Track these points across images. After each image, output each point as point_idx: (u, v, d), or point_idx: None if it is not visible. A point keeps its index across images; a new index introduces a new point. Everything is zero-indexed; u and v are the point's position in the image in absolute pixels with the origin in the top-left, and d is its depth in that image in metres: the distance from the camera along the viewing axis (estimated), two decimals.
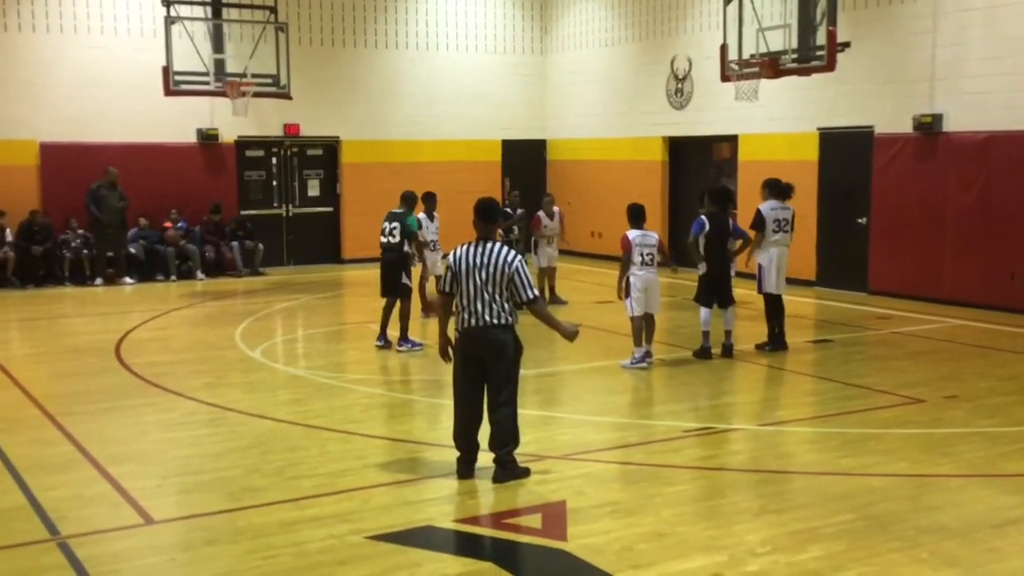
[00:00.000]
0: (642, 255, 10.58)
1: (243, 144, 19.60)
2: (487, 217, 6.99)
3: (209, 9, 17.87)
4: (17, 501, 6.66)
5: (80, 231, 17.72)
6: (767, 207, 11.46)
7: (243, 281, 18.22)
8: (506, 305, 6.83)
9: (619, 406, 9.54)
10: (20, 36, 17.75)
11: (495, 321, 6.79)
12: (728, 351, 11.24)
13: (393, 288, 11.57)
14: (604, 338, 12.57)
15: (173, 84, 16.28)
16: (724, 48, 14.09)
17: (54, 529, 6.13)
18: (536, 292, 6.92)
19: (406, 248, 11.58)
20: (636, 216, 10.71)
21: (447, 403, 9.59)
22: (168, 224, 18.36)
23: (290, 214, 20.38)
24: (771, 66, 13.48)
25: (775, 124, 16.88)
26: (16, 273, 17.22)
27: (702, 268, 11.31)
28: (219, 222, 18.81)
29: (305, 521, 6.22)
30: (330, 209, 20.63)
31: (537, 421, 8.68)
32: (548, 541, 5.90)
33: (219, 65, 17.10)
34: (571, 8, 21.59)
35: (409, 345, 11.53)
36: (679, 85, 18.98)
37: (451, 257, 6.95)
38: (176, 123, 18.54)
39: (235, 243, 18.77)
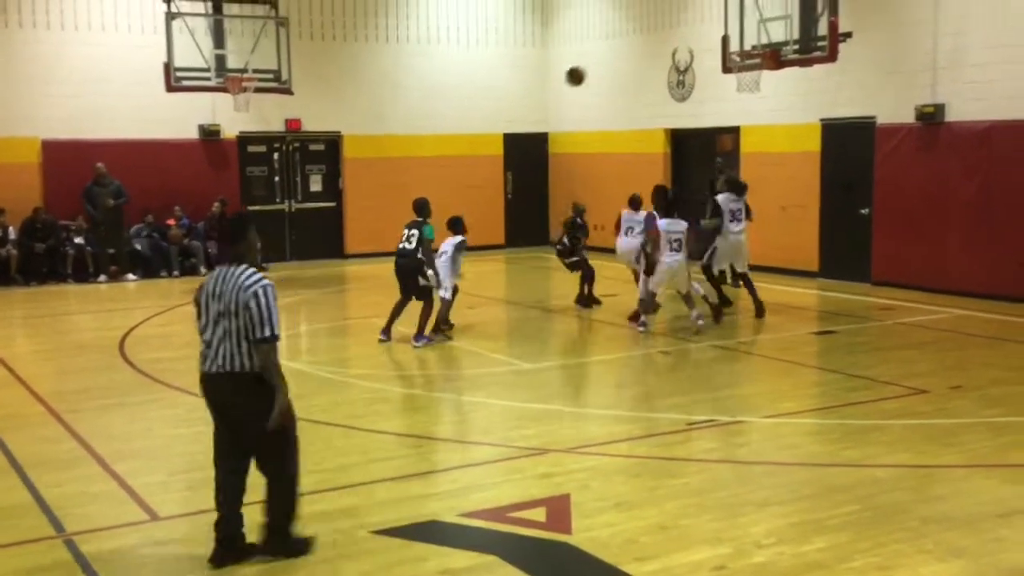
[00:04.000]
0: (669, 241, 11.42)
1: (245, 140, 19.60)
2: (231, 237, 5.66)
3: (210, 5, 17.85)
4: (23, 498, 6.67)
5: (85, 227, 17.74)
6: (723, 198, 12.95)
7: None
8: (249, 346, 5.35)
9: (623, 399, 9.54)
10: (21, 32, 17.75)
11: (227, 367, 5.35)
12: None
13: (411, 292, 11.60)
14: (606, 330, 12.57)
15: (174, 80, 16.27)
16: (725, 39, 14.07)
17: (59, 526, 6.14)
18: (274, 332, 5.35)
19: (419, 255, 11.52)
20: (667, 204, 11.72)
21: (450, 397, 9.63)
22: (172, 221, 18.35)
23: (292, 209, 20.38)
24: (773, 57, 13.46)
25: (777, 115, 16.84)
26: (19, 271, 17.24)
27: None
28: (222, 217, 18.79)
29: (310, 516, 6.21)
30: (332, 204, 20.62)
31: (540, 414, 8.68)
32: (553, 534, 5.90)
33: (220, 61, 17.10)
34: (571, 1, 21.54)
35: (425, 340, 11.52)
36: (681, 77, 18.94)
37: (199, 288, 5.65)
38: (178, 119, 18.52)
39: None
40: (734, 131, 17.89)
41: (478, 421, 8.82)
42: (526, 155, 21.95)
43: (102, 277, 17.52)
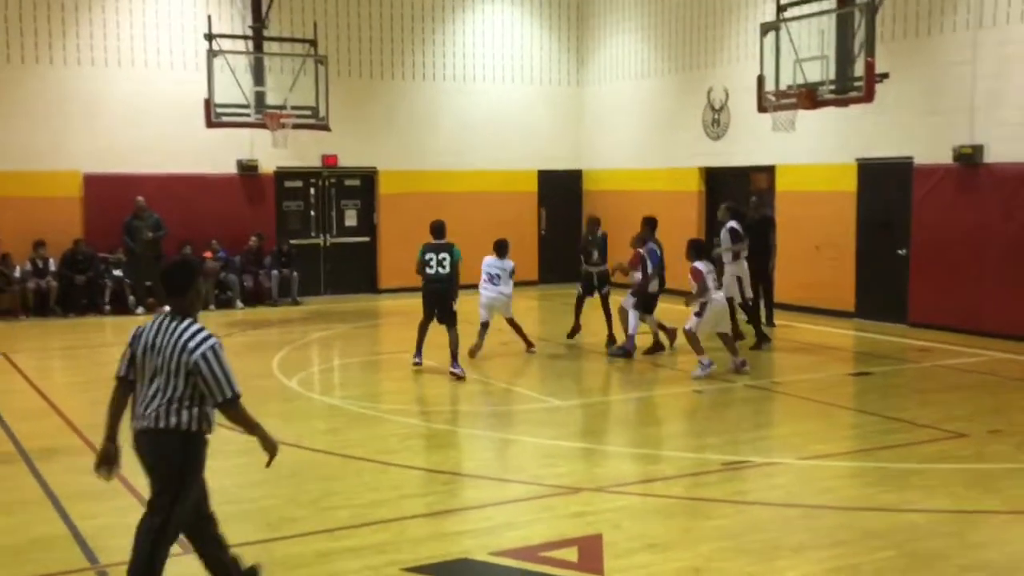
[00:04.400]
0: (713, 281, 11.81)
1: (282, 175, 19.82)
2: (175, 288, 5.23)
3: (251, 43, 18.14)
4: (58, 530, 6.72)
5: (123, 260, 17.97)
6: (736, 225, 13.77)
7: (280, 310, 18.35)
8: (180, 405, 5.08)
9: (655, 438, 9.47)
10: (66, 69, 18.10)
11: (153, 425, 5.08)
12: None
13: (441, 316, 11.77)
14: (638, 368, 12.51)
15: (215, 116, 16.52)
16: (761, 79, 14.07)
17: (93, 558, 6.18)
18: (235, 391, 5.12)
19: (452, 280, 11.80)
20: (700, 249, 11.96)
21: (482, 434, 9.60)
22: (209, 254, 18.54)
23: (327, 244, 20.54)
24: (808, 97, 13.44)
25: (813, 155, 16.79)
26: (59, 302, 17.47)
27: (653, 286, 12.92)
28: (259, 251, 19.00)
29: (341, 552, 6.22)
30: (367, 239, 20.77)
31: (572, 452, 8.64)
32: (585, 575, 5.85)
33: (259, 97, 17.33)
34: (607, 40, 21.69)
35: (460, 370, 11.58)
36: (716, 116, 18.97)
37: (134, 333, 5.31)
38: (217, 154, 18.79)
39: (275, 272, 18.96)
40: (769, 170, 17.85)
41: (510, 458, 8.79)
42: (560, 192, 22.02)
43: (140, 309, 17.71)
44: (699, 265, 11.68)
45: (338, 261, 20.55)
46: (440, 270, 11.73)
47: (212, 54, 16.48)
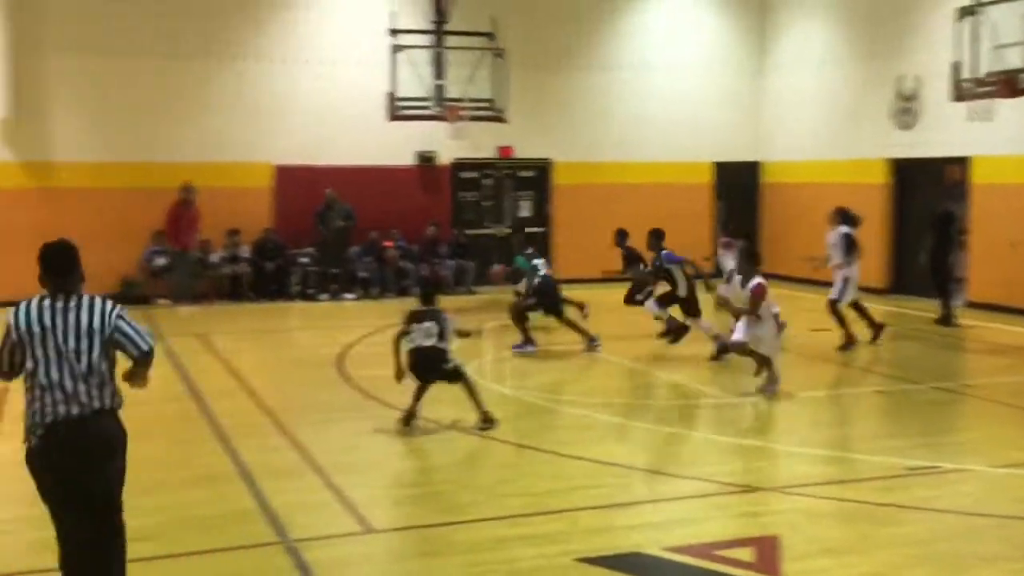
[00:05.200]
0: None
1: (458, 166, 20.21)
2: (64, 268, 4.92)
3: (431, 37, 18.56)
4: (248, 504, 7.10)
5: (314, 251, 18.78)
6: (849, 231, 13.16)
7: (455, 299, 18.71)
8: (103, 381, 4.83)
9: (834, 438, 9.20)
10: (258, 66, 19.00)
11: (97, 404, 4.80)
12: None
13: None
14: (814, 366, 12.16)
15: (396, 110, 16.99)
16: (956, 66, 13.40)
17: (282, 533, 6.49)
18: (152, 342, 5.00)
19: None
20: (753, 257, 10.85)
21: (653, 428, 9.55)
22: (389, 243, 19.12)
23: (502, 234, 20.83)
24: (1008, 85, 12.74)
25: (1012, 145, 15.84)
26: (252, 287, 18.40)
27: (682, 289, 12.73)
28: (435, 241, 19.47)
29: (515, 539, 6.33)
30: (541, 229, 20.93)
31: (746, 450, 8.49)
32: None
33: (439, 90, 17.73)
34: (791, 28, 21.08)
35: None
36: (905, 104, 18.16)
37: (11, 318, 4.86)
38: (397, 146, 19.29)
39: (450, 261, 19.38)
40: (963, 161, 16.97)
41: (682, 453, 8.72)
42: (737, 184, 21.58)
43: (324, 296, 18.44)
44: (763, 281, 10.40)
45: (512, 252, 20.76)
46: (547, 271, 13.67)
47: (395, 49, 16.95)
